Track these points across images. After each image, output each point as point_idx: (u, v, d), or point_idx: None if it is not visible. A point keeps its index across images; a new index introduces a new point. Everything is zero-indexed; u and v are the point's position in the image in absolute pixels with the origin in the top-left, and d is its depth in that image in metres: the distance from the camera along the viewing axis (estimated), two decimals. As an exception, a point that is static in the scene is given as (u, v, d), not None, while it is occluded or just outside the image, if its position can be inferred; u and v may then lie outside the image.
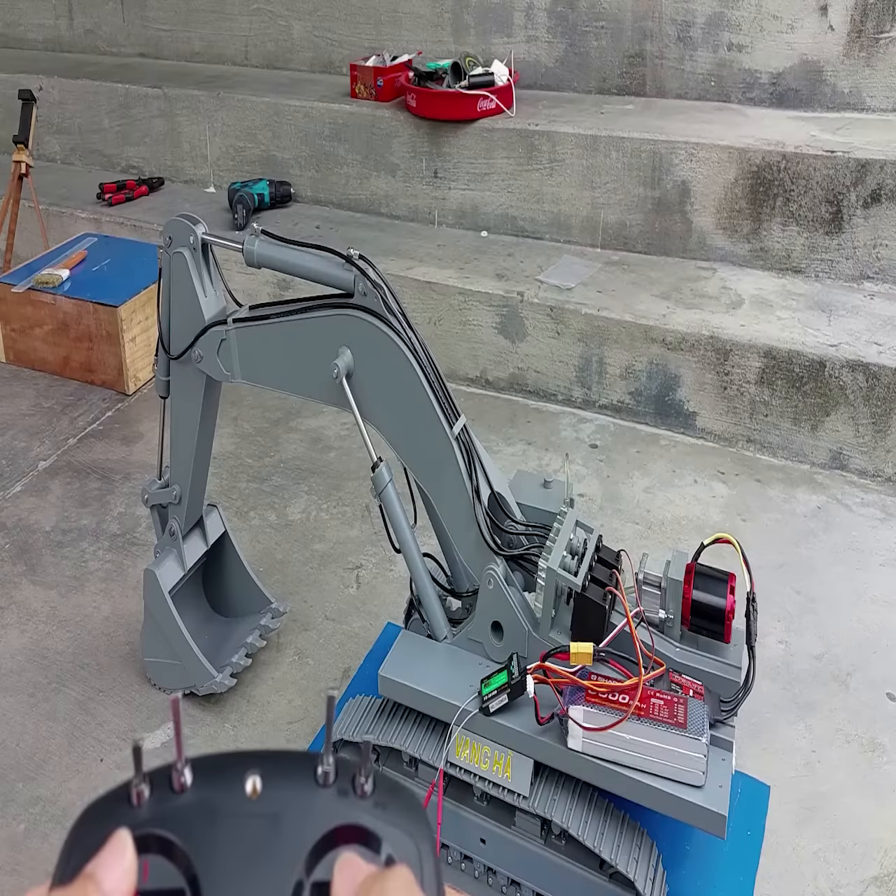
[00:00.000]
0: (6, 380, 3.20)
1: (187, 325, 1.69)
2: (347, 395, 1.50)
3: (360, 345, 1.51)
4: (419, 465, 1.53)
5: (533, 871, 1.48)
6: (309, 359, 1.57)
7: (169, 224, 1.64)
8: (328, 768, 0.37)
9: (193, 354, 1.69)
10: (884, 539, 2.37)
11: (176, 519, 1.89)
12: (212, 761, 0.38)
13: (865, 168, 2.79)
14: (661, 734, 1.28)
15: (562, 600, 1.47)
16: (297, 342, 1.58)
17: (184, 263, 1.64)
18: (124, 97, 3.98)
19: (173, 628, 1.87)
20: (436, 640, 1.55)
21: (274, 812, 0.36)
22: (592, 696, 1.31)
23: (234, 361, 1.66)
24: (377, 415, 1.53)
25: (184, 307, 1.68)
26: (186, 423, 1.79)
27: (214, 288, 1.69)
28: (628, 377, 2.84)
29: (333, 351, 1.52)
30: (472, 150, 3.30)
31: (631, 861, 1.35)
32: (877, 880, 1.60)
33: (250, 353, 1.65)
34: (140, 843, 0.34)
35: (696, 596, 1.38)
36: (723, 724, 1.37)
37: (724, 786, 1.29)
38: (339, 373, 1.49)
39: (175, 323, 1.71)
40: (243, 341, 1.64)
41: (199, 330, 1.67)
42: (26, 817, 1.73)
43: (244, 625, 2.03)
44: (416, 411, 1.49)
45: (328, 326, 1.53)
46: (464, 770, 1.47)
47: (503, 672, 1.42)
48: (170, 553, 1.91)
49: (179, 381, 1.77)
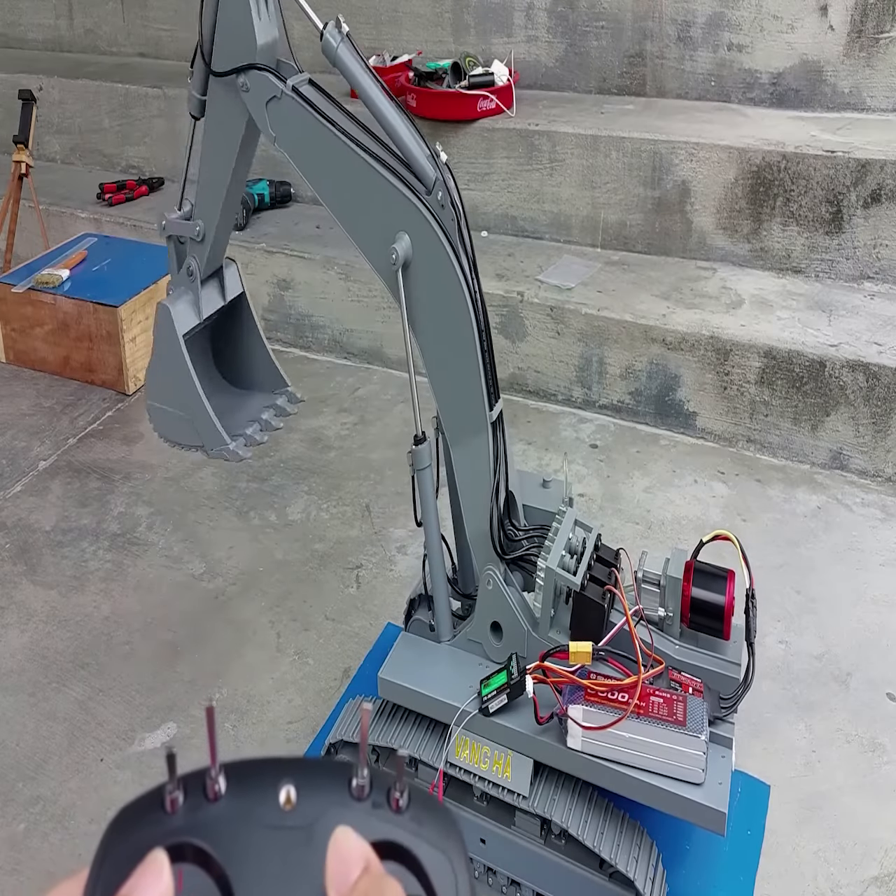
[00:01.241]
0: (6, 380, 3.20)
1: (234, 43, 1.43)
2: (400, 288, 1.36)
3: (423, 248, 1.36)
4: (450, 413, 1.44)
5: (533, 871, 1.49)
6: (366, 211, 1.39)
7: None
8: (363, 781, 0.37)
9: (238, 81, 1.43)
10: (884, 539, 2.37)
11: (195, 258, 1.64)
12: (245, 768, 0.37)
13: (865, 168, 2.79)
14: (661, 732, 1.28)
15: (561, 600, 1.47)
16: (358, 182, 1.38)
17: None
18: (124, 97, 3.98)
19: (185, 376, 1.63)
20: (438, 628, 1.55)
21: (308, 824, 0.35)
22: (592, 694, 1.31)
23: (283, 128, 1.42)
24: (422, 329, 1.42)
25: (230, 23, 1.44)
26: (220, 158, 1.53)
27: (270, 16, 1.45)
28: (628, 377, 2.84)
29: (393, 228, 1.36)
30: (472, 150, 3.30)
31: (631, 860, 1.35)
32: (877, 880, 1.60)
33: (303, 141, 1.41)
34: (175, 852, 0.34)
35: (695, 593, 1.38)
36: (722, 721, 1.37)
37: (723, 783, 1.30)
38: (397, 260, 1.34)
39: (219, 34, 1.46)
40: (297, 123, 1.40)
41: (248, 56, 1.42)
42: (26, 817, 1.73)
43: (256, 400, 1.80)
44: (461, 351, 1.38)
45: (396, 201, 1.34)
46: (463, 770, 1.47)
47: (503, 672, 1.42)
48: (186, 294, 1.67)
49: (218, 106, 1.50)
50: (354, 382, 3.13)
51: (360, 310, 3.19)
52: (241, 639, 2.11)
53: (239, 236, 3.34)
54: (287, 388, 1.81)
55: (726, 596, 1.37)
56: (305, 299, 3.30)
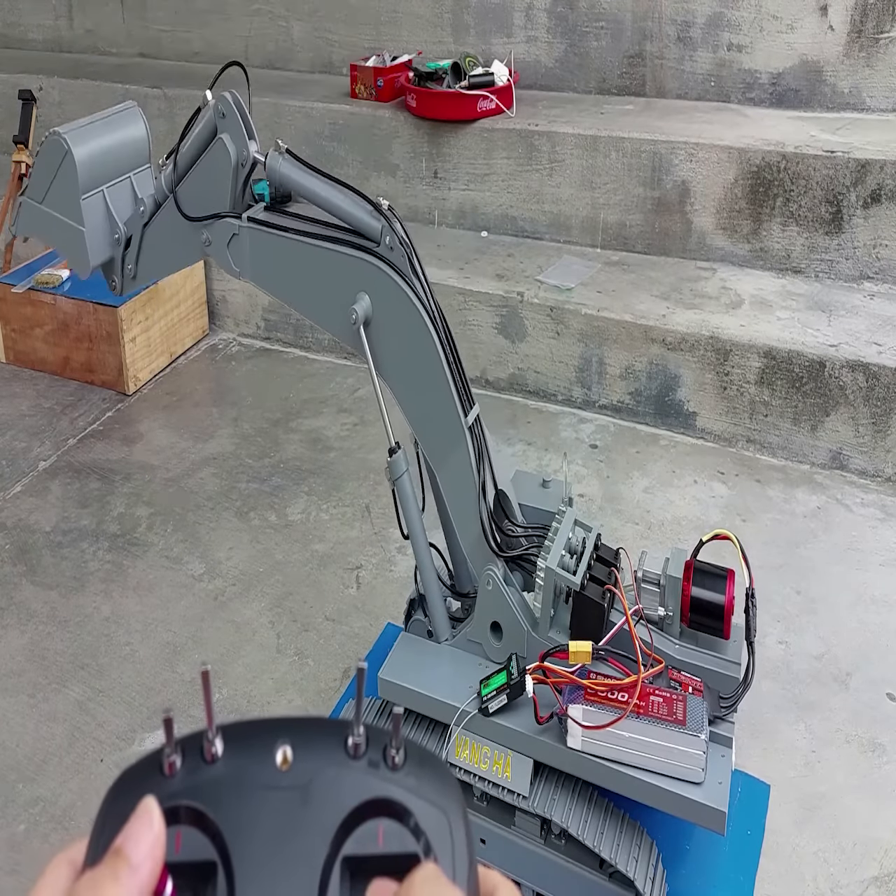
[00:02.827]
0: (6, 380, 3.20)
1: (206, 197, 1.55)
2: (364, 344, 1.44)
3: (381, 297, 1.43)
4: (428, 438, 1.49)
5: (533, 871, 1.48)
6: (325, 290, 1.48)
7: (225, 102, 1.54)
8: (359, 739, 0.37)
9: (202, 236, 1.55)
10: (884, 539, 2.37)
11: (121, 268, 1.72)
12: (242, 729, 0.38)
13: (865, 168, 2.79)
14: (661, 731, 1.28)
15: (561, 599, 1.47)
16: (314, 268, 1.48)
17: (226, 160, 1.51)
18: (124, 97, 3.96)
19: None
20: (436, 635, 1.55)
21: (304, 784, 0.35)
22: (591, 694, 1.31)
23: (245, 260, 1.54)
24: (391, 373, 1.47)
25: (206, 185, 1.55)
26: (165, 254, 1.66)
27: (244, 202, 1.57)
28: (628, 377, 2.84)
29: (352, 292, 1.44)
30: (472, 150, 3.30)
31: (630, 860, 1.35)
32: (877, 880, 1.60)
33: (263, 259, 1.53)
34: (172, 815, 0.35)
35: (695, 592, 1.38)
36: (722, 720, 1.37)
37: (723, 782, 1.29)
38: (357, 319, 1.42)
39: (193, 181, 1.57)
40: (257, 245, 1.52)
41: (218, 206, 1.54)
42: (26, 818, 1.73)
43: None
44: (431, 381, 1.44)
45: (350, 267, 1.44)
46: (464, 770, 1.47)
47: (502, 672, 1.42)
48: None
49: (174, 230, 1.61)
50: (354, 383, 3.13)
51: (359, 310, 3.19)
52: (241, 639, 2.12)
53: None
54: None
55: (726, 595, 1.37)
56: (305, 299, 3.30)
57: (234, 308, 3.44)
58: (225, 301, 3.43)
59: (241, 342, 3.38)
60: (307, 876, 0.34)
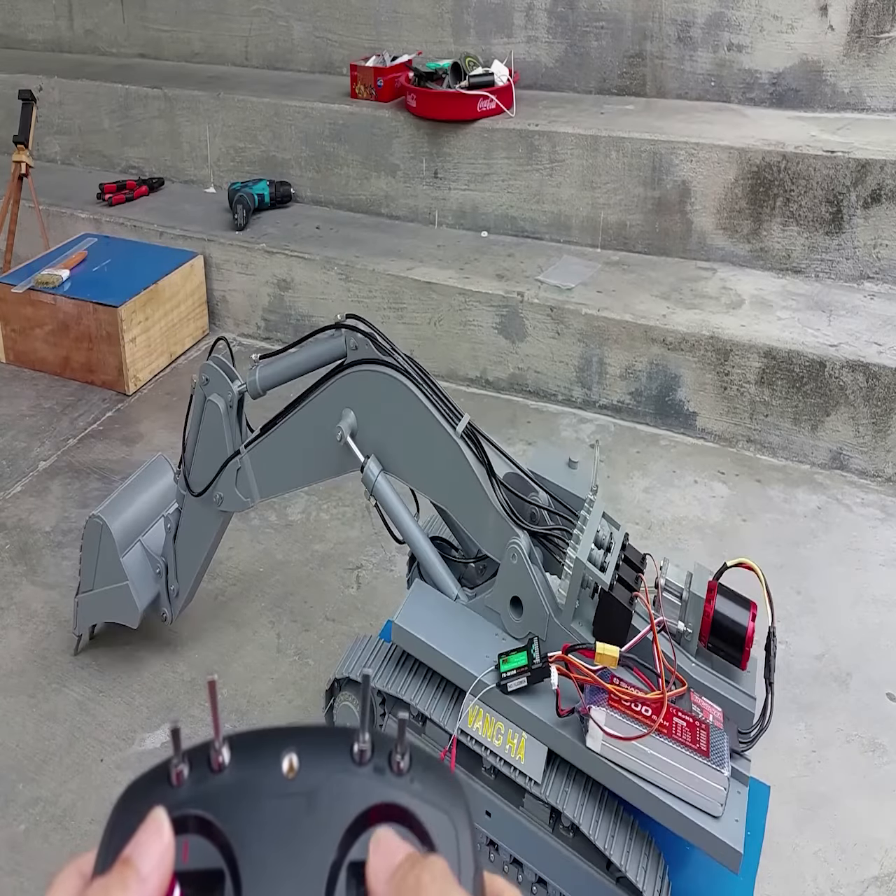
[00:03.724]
0: (6, 380, 3.20)
1: (210, 465, 1.71)
2: (354, 450, 1.51)
3: (360, 394, 1.50)
4: (449, 500, 1.52)
5: (537, 855, 1.46)
6: (318, 441, 1.57)
7: (208, 368, 1.65)
8: (364, 746, 0.37)
9: (215, 497, 1.72)
10: (884, 539, 2.37)
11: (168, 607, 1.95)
12: (249, 739, 0.38)
13: (865, 168, 2.79)
14: (684, 757, 1.26)
15: (586, 592, 1.44)
16: (304, 432, 1.59)
17: (217, 414, 1.66)
18: (124, 98, 3.98)
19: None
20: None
21: (310, 791, 0.36)
22: (616, 701, 1.29)
23: (251, 485, 1.68)
24: (393, 462, 1.53)
25: (210, 449, 1.71)
26: (196, 546, 1.83)
27: (242, 438, 1.70)
28: (628, 377, 2.84)
29: (333, 417, 1.52)
30: (472, 150, 3.30)
31: (640, 870, 1.33)
32: (877, 880, 1.60)
33: (264, 469, 1.66)
34: (180, 824, 0.35)
35: (717, 616, 1.36)
36: (740, 756, 1.37)
37: (739, 820, 1.28)
38: (342, 434, 1.50)
39: (199, 457, 1.73)
40: (256, 460, 1.66)
41: (218, 468, 1.71)
42: (26, 818, 1.73)
43: None
44: (427, 437, 1.47)
45: (329, 398, 1.53)
46: (475, 741, 1.45)
47: (522, 653, 1.39)
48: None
49: (194, 517, 1.79)
50: (354, 383, 3.13)
51: (360, 310, 3.16)
52: (242, 639, 2.11)
53: (239, 236, 3.34)
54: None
55: (748, 626, 1.36)
56: (305, 299, 3.30)
57: (235, 308, 3.44)
58: (225, 301, 3.43)
59: (241, 342, 3.38)
60: (313, 881, 0.34)
